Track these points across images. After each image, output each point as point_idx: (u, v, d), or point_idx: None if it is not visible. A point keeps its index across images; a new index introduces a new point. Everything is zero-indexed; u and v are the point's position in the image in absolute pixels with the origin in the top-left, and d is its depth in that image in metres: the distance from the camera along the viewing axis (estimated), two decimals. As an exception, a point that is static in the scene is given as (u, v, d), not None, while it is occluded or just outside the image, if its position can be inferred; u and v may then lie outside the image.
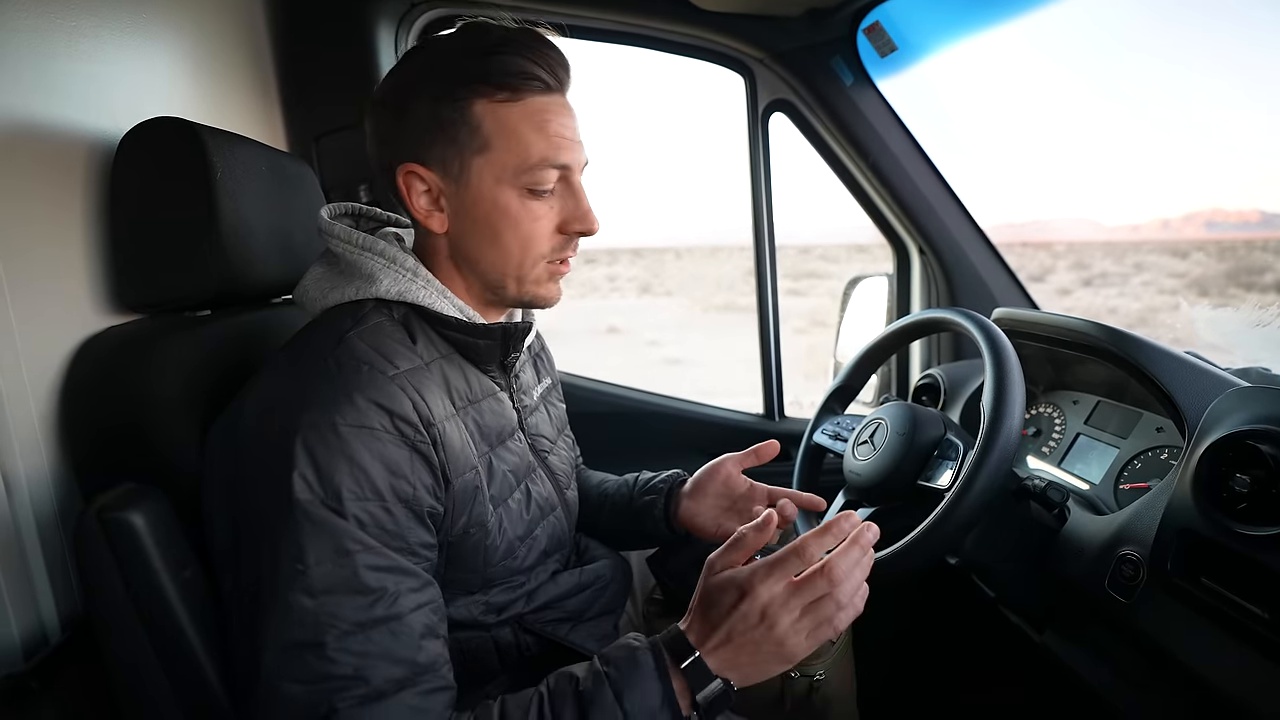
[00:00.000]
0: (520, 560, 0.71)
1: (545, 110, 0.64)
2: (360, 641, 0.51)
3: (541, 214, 0.66)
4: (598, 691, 0.52)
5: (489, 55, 0.62)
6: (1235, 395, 0.68)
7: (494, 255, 0.67)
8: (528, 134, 0.63)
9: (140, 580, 0.55)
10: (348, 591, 0.52)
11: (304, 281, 0.70)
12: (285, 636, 0.50)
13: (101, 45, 0.77)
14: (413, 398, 0.59)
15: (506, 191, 0.64)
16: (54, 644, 0.63)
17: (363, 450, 0.54)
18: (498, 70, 0.62)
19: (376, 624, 0.52)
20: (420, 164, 0.64)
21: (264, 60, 1.17)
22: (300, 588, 0.51)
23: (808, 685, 0.82)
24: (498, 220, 0.65)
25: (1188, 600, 0.65)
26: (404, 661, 0.53)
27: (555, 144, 0.64)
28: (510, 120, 0.63)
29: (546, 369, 0.89)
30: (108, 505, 0.55)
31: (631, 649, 0.55)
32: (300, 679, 0.50)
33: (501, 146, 0.63)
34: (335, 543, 0.52)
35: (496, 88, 0.62)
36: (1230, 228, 64.97)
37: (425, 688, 0.53)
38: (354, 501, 0.53)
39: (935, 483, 0.78)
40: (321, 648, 0.50)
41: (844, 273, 1.56)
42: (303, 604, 0.51)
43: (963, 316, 0.83)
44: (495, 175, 0.64)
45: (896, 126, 1.32)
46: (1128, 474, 0.89)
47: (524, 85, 0.62)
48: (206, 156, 0.69)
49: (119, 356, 0.67)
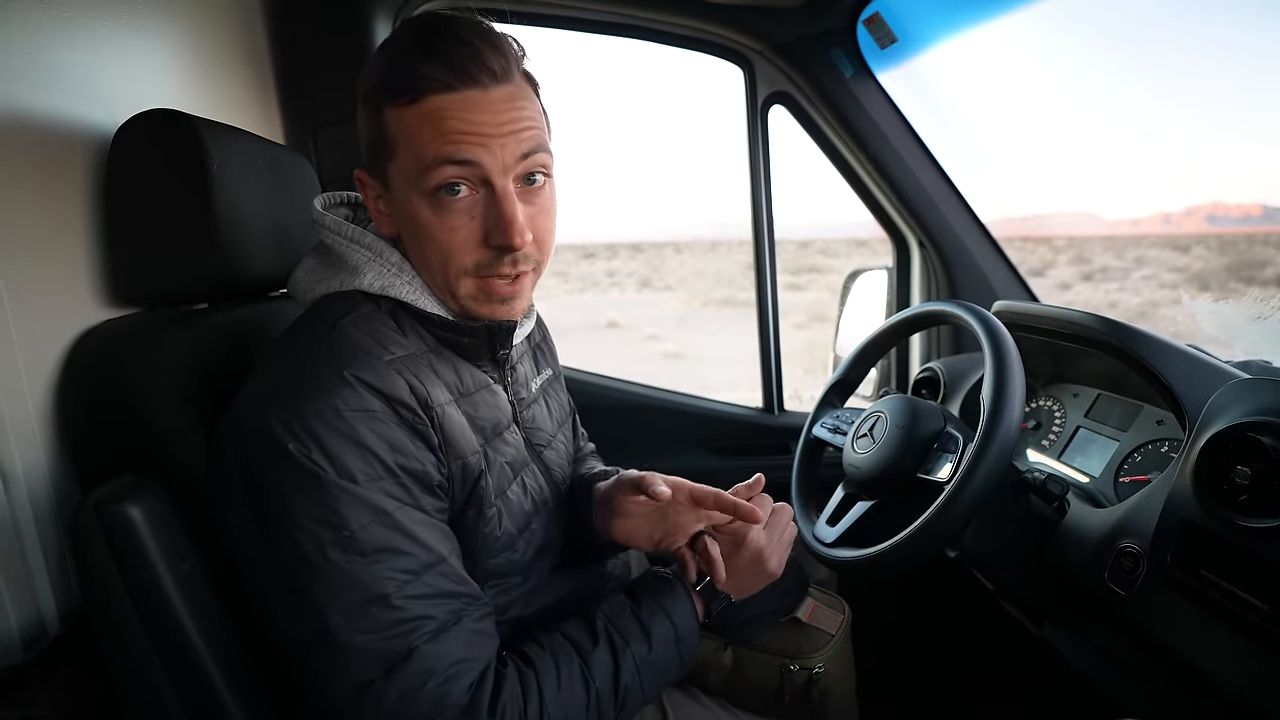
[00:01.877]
0: (520, 554, 0.71)
1: (446, 109, 0.58)
2: (419, 586, 0.56)
3: (458, 225, 0.61)
4: (652, 612, 0.68)
5: (397, 59, 0.60)
6: (1236, 387, 0.68)
7: (421, 266, 0.65)
8: (423, 134, 0.59)
9: (138, 573, 0.55)
10: (396, 546, 0.56)
11: (296, 272, 0.69)
12: (349, 597, 0.54)
13: (96, 36, 0.77)
14: (409, 381, 0.59)
15: (415, 199, 0.61)
16: (52, 637, 0.63)
17: (368, 433, 0.55)
18: (396, 74, 0.59)
19: (427, 568, 0.57)
20: (366, 170, 0.65)
21: (261, 52, 1.16)
22: (353, 550, 0.54)
23: (806, 677, 0.82)
24: (415, 230, 0.63)
25: (1187, 593, 0.65)
26: (457, 595, 0.58)
27: (453, 140, 0.58)
28: (410, 124, 0.59)
29: (548, 360, 0.88)
30: (105, 498, 0.55)
31: (666, 579, 0.72)
32: (373, 629, 0.54)
33: (403, 150, 0.60)
34: (371, 506, 0.55)
35: (397, 91, 0.59)
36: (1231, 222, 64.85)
37: (479, 613, 0.60)
38: (369, 481, 0.55)
39: (935, 476, 0.77)
40: (386, 599, 0.54)
41: (844, 267, 1.56)
42: (358, 565, 0.54)
43: (962, 309, 0.83)
44: (404, 181, 0.61)
45: (897, 119, 1.31)
46: (1128, 467, 0.89)
47: (422, 86, 0.58)
48: (203, 148, 0.68)
49: (116, 349, 0.67)
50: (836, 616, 0.88)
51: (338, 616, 0.53)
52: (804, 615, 0.86)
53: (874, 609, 1.02)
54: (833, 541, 0.84)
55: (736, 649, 0.85)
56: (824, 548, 0.85)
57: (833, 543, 0.84)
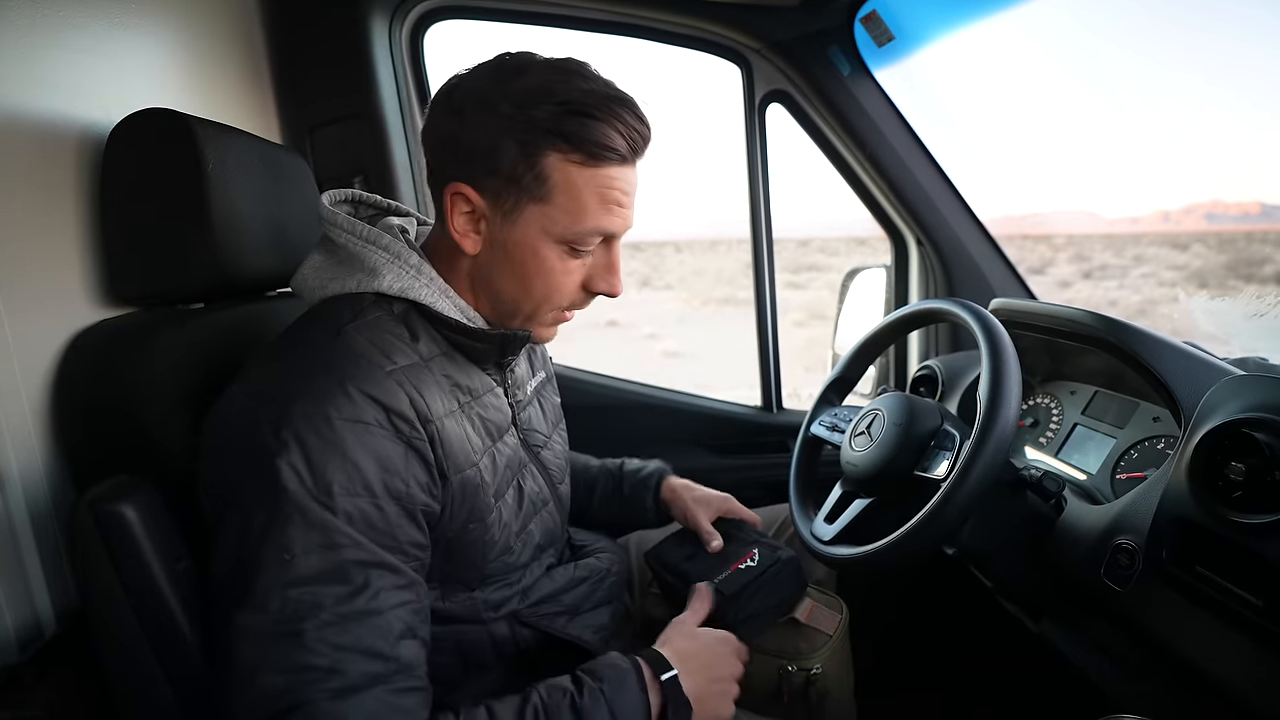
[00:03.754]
0: (516, 555, 0.71)
1: (614, 179, 0.63)
2: (338, 633, 0.51)
3: (574, 270, 0.67)
4: (594, 705, 0.59)
5: (579, 115, 0.60)
6: (1231, 384, 0.68)
7: (514, 293, 0.67)
8: (589, 200, 0.62)
9: (133, 572, 0.55)
10: (331, 582, 0.52)
11: (303, 269, 0.68)
12: (264, 624, 0.50)
13: (92, 36, 0.77)
14: (410, 393, 0.59)
15: (549, 244, 0.64)
16: (48, 637, 0.63)
17: (356, 445, 0.54)
18: (583, 134, 0.60)
19: (357, 617, 0.52)
20: (472, 186, 0.63)
21: (257, 52, 1.16)
22: (284, 577, 0.51)
23: (805, 678, 0.82)
24: (531, 266, 0.65)
25: (1183, 589, 0.65)
26: (380, 657, 0.53)
27: (611, 213, 0.64)
28: (578, 183, 0.62)
29: (540, 363, 0.89)
30: (99, 497, 0.55)
31: (620, 668, 0.63)
32: (276, 668, 0.50)
33: (561, 204, 0.62)
34: (323, 535, 0.52)
35: (575, 149, 0.61)
36: (1230, 220, 64.82)
37: (400, 685, 0.53)
38: (344, 497, 0.53)
39: (932, 473, 0.77)
40: (300, 636, 0.50)
41: (843, 265, 1.56)
42: (285, 593, 0.50)
43: (959, 307, 0.82)
44: (544, 226, 0.63)
45: (894, 117, 1.31)
46: (1125, 464, 0.89)
47: (605, 155, 0.61)
48: (198, 147, 0.68)
49: (111, 349, 0.67)
50: (834, 616, 0.88)
51: (248, 640, 0.50)
52: (802, 616, 0.86)
53: (872, 608, 1.02)
54: (830, 539, 0.84)
55: None
56: (822, 545, 0.85)
57: (830, 540, 0.84)
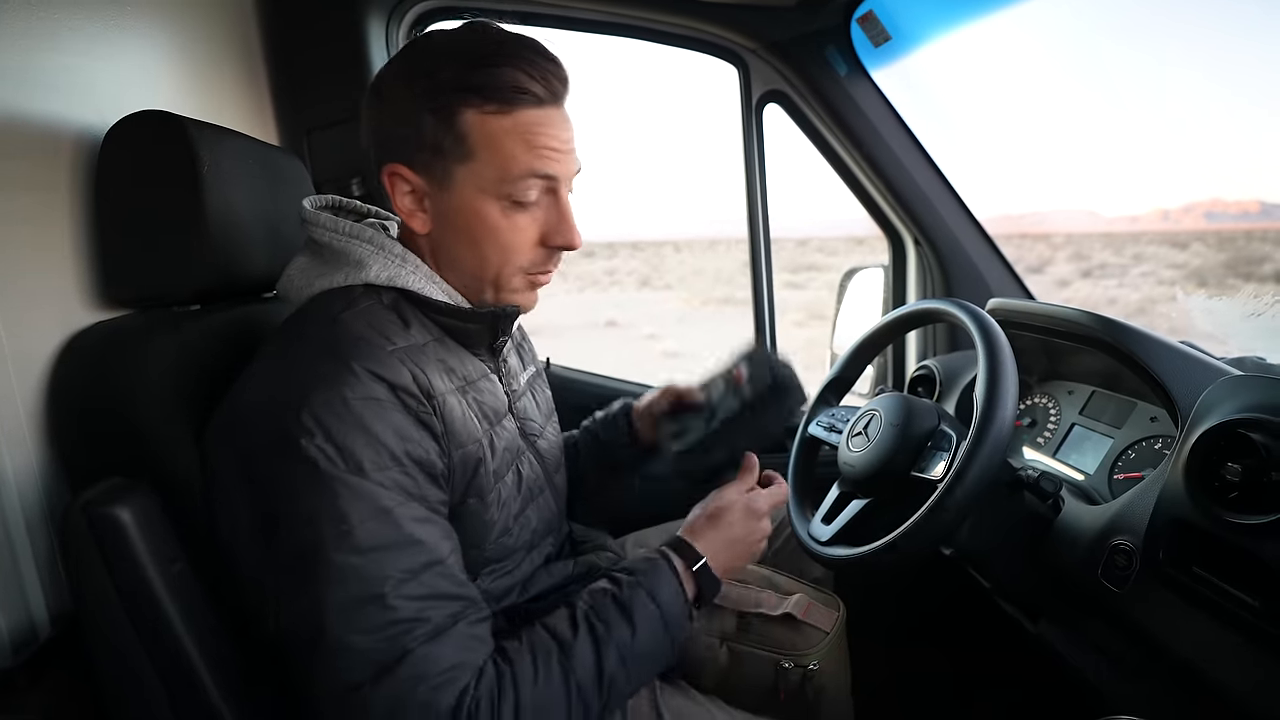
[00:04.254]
0: (514, 538, 0.72)
1: (536, 123, 0.63)
2: (415, 586, 0.55)
3: (523, 225, 0.66)
4: (634, 595, 0.64)
5: (483, 65, 0.61)
6: (1227, 384, 0.68)
7: (473, 262, 0.67)
8: (514, 147, 0.62)
9: (127, 575, 0.55)
10: (394, 544, 0.55)
11: (288, 271, 0.69)
12: (344, 594, 0.53)
13: (88, 38, 0.77)
14: (412, 370, 0.60)
15: (488, 202, 0.64)
16: (43, 639, 0.63)
17: (375, 420, 0.56)
18: (490, 82, 0.61)
19: (426, 569, 0.56)
20: (405, 165, 0.64)
21: (254, 54, 1.16)
22: (349, 547, 0.53)
23: (801, 675, 0.82)
24: (478, 229, 0.65)
25: (1179, 589, 0.65)
26: (455, 598, 0.58)
27: (541, 156, 0.63)
28: (498, 133, 0.62)
29: (530, 357, 0.91)
30: (93, 500, 0.55)
31: (650, 559, 0.69)
32: (367, 629, 0.53)
33: (486, 158, 0.62)
34: (372, 502, 0.55)
35: (486, 99, 0.61)
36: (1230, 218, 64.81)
37: (475, 617, 0.59)
38: (376, 471, 0.55)
39: (929, 474, 0.77)
40: (382, 599, 0.53)
41: (842, 265, 1.56)
42: (354, 561, 0.53)
43: (956, 307, 0.82)
44: (478, 185, 0.63)
45: (891, 117, 1.31)
46: (1122, 464, 0.89)
47: (516, 99, 0.61)
48: (192, 149, 0.68)
49: (106, 351, 0.67)
50: (831, 614, 0.88)
51: (332, 614, 0.53)
52: (799, 612, 0.86)
53: (869, 606, 1.01)
54: (828, 540, 0.84)
55: (731, 646, 0.85)
56: (819, 546, 0.85)
57: (828, 541, 0.84)
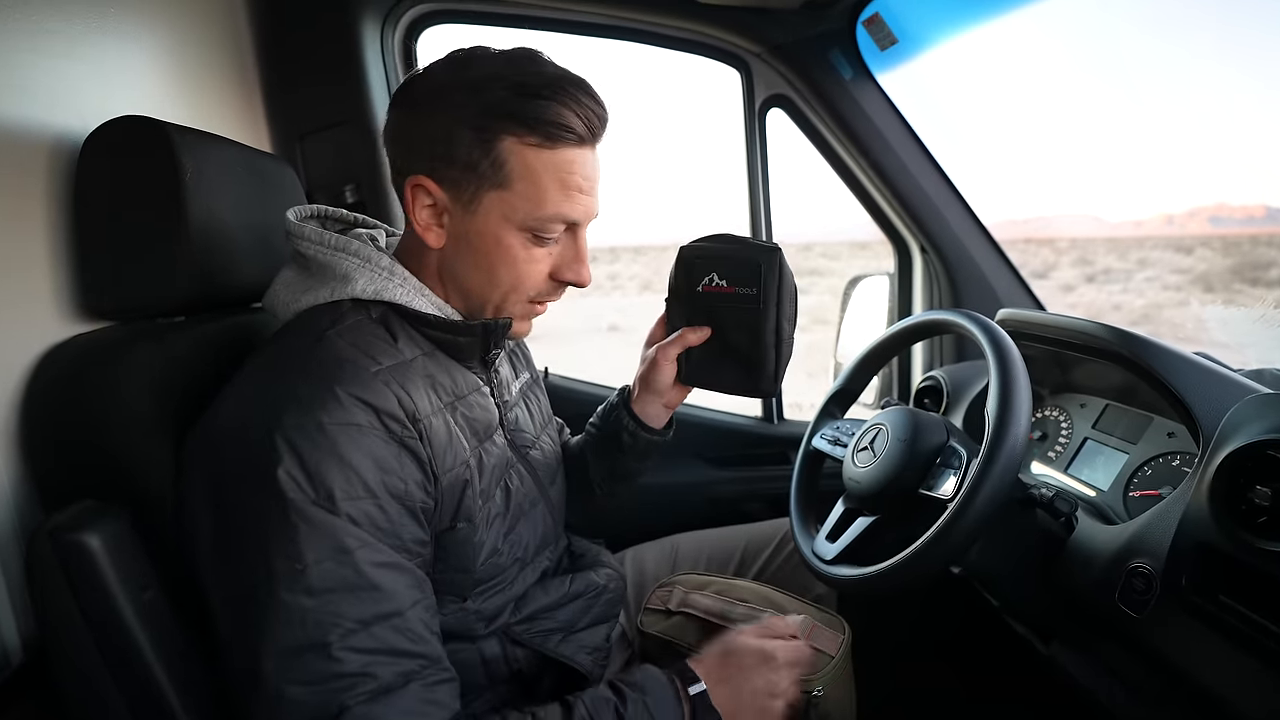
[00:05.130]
0: (505, 557, 0.70)
1: (573, 162, 0.63)
2: (365, 639, 0.51)
3: (539, 259, 0.66)
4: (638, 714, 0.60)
5: (534, 96, 0.60)
6: (1254, 403, 0.65)
7: (481, 284, 0.66)
8: (549, 184, 0.62)
9: (96, 604, 0.52)
10: (349, 589, 0.51)
11: (274, 286, 0.68)
12: (287, 639, 0.50)
13: (70, 41, 0.74)
14: (397, 393, 0.58)
15: (512, 232, 0.64)
16: (15, 666, 0.60)
17: (351, 448, 0.53)
18: (539, 115, 0.60)
19: (380, 620, 0.52)
20: (432, 179, 0.62)
21: (246, 58, 1.14)
22: (300, 588, 0.50)
23: (806, 700, 0.79)
24: (495, 255, 0.65)
25: (1204, 617, 0.62)
26: (410, 655, 0.53)
27: (573, 199, 0.63)
28: (536, 166, 0.62)
29: (524, 364, 0.89)
30: (60, 525, 0.52)
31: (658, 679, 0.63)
32: (306, 681, 0.49)
33: (520, 190, 0.62)
34: (333, 540, 0.51)
35: (531, 130, 0.60)
36: (1235, 223, 64.55)
37: (432, 679, 0.54)
38: (346, 501, 0.52)
39: (937, 492, 0.74)
40: (326, 648, 0.50)
41: (845, 270, 1.54)
42: (303, 604, 0.50)
43: (966, 319, 0.80)
44: (504, 213, 0.63)
45: (897, 121, 1.28)
46: (1138, 480, 0.86)
47: (560, 136, 0.61)
48: (174, 156, 0.66)
49: (85, 366, 0.65)
50: (836, 637, 0.84)
51: (271, 660, 0.49)
52: (803, 636, 0.83)
53: (875, 627, 0.98)
54: (833, 559, 0.81)
55: None
56: (823, 565, 0.82)
57: (832, 559, 0.81)
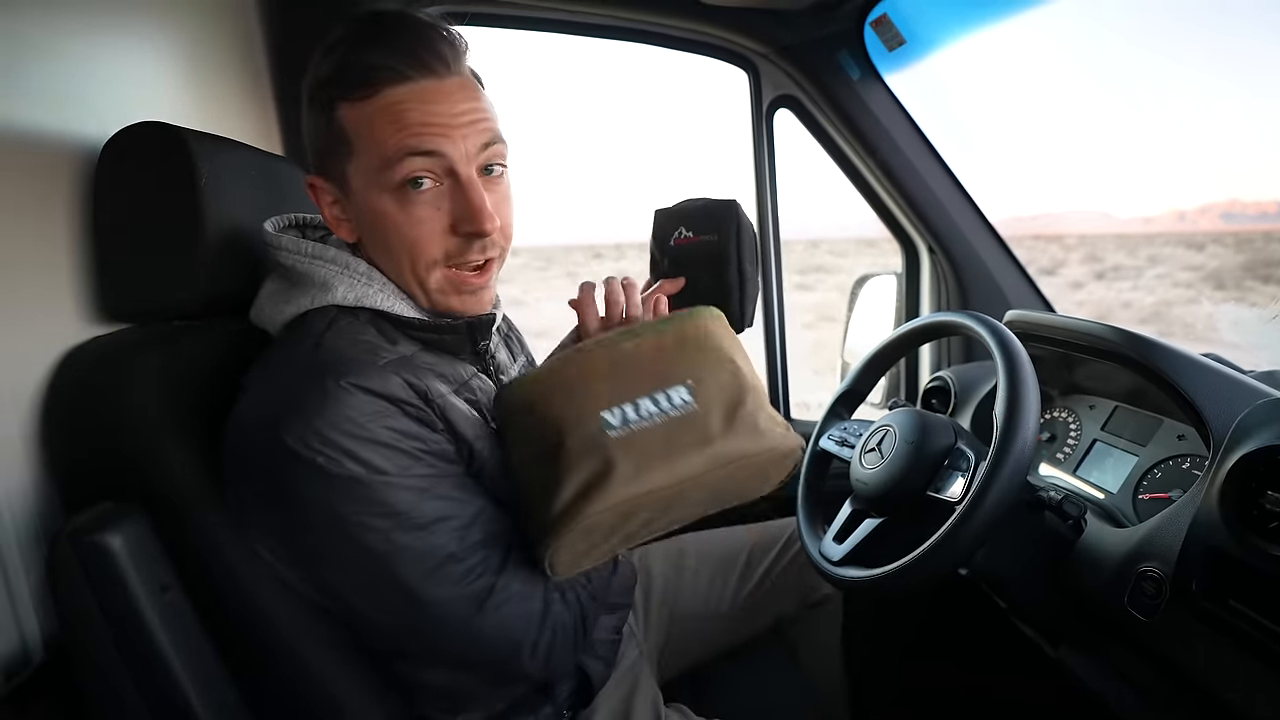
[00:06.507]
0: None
1: (405, 99, 0.58)
2: (475, 532, 0.60)
3: (424, 216, 0.61)
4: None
5: (340, 54, 0.59)
6: (1266, 407, 0.65)
7: (389, 264, 0.65)
8: (383, 128, 0.58)
9: (116, 604, 0.53)
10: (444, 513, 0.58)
11: (258, 300, 0.68)
12: (423, 566, 0.57)
13: (87, 46, 0.75)
14: (408, 379, 0.59)
15: (378, 195, 0.60)
16: (36, 664, 0.61)
17: (384, 431, 0.56)
18: (348, 68, 0.59)
19: (475, 520, 0.61)
20: (319, 175, 0.64)
21: (258, 62, 1.15)
22: (411, 528, 0.56)
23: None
24: (379, 227, 0.62)
25: (1215, 623, 0.62)
26: (506, 534, 0.63)
27: (416, 133, 0.58)
28: (367, 118, 0.59)
29: (520, 349, 0.89)
30: (80, 527, 0.53)
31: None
32: (453, 583, 0.58)
33: (362, 148, 0.60)
34: (411, 489, 0.57)
35: (351, 86, 0.59)
36: (1248, 219, 63.82)
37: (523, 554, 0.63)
38: (401, 473, 0.57)
39: (945, 494, 0.75)
40: (453, 556, 0.58)
41: (852, 267, 1.54)
42: (420, 539, 0.57)
43: (974, 320, 0.80)
44: (366, 179, 0.61)
45: (905, 122, 1.28)
46: (1147, 483, 0.86)
47: (377, 79, 0.58)
48: (191, 160, 0.67)
49: (103, 367, 0.66)
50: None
51: (421, 585, 0.57)
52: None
53: (882, 628, 0.99)
54: (840, 560, 0.82)
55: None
56: (831, 566, 0.82)
57: (839, 561, 0.82)
